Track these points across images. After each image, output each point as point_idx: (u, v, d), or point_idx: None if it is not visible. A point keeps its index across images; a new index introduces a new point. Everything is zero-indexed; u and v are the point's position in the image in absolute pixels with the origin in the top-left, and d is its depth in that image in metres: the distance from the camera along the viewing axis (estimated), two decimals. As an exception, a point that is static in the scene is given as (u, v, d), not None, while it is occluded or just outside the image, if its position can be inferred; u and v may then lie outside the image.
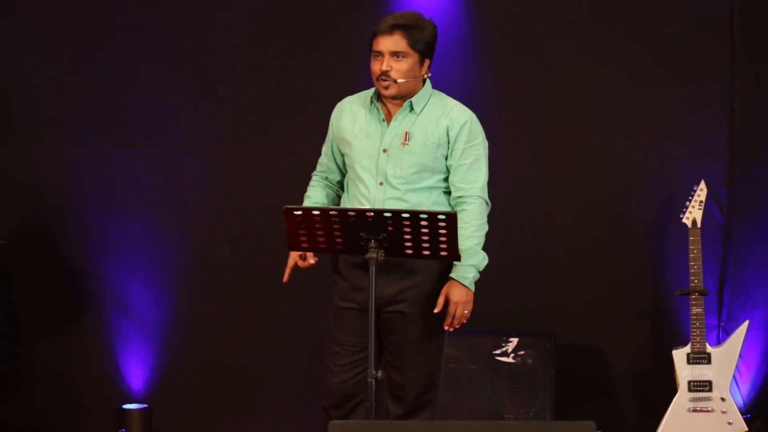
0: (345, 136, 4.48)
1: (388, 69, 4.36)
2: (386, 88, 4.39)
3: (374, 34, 4.38)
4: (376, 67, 4.39)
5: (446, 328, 4.34)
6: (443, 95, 4.52)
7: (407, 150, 4.39)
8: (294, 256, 4.48)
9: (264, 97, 6.07)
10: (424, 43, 4.39)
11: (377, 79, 4.39)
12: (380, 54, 4.38)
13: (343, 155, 4.54)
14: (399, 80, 4.38)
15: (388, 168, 4.39)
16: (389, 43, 4.36)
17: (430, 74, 4.46)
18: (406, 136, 4.41)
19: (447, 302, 4.31)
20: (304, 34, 6.05)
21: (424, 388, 4.44)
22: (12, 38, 6.04)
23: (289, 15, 6.06)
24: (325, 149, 4.62)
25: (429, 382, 4.44)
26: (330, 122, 4.58)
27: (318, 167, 4.65)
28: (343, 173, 4.58)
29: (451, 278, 4.33)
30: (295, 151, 4.86)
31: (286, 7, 6.06)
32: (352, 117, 4.50)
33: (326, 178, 4.63)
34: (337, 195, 4.62)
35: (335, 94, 4.65)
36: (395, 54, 4.37)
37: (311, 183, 4.65)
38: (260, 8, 6.06)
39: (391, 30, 4.37)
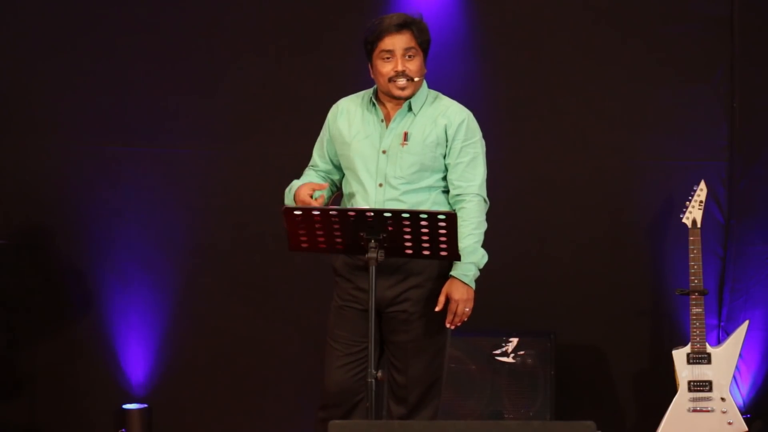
0: (343, 138, 4.47)
1: (405, 69, 4.35)
2: (403, 89, 4.36)
3: (380, 35, 4.33)
4: (388, 67, 4.34)
5: (448, 325, 4.34)
6: (439, 94, 4.50)
7: (406, 150, 4.38)
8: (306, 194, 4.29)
9: (264, 98, 6.07)
10: (426, 40, 4.39)
11: (390, 80, 4.35)
12: (391, 54, 4.34)
13: (339, 156, 4.52)
14: (415, 79, 4.37)
15: (387, 169, 4.39)
16: (401, 41, 4.33)
17: (425, 71, 4.45)
18: (405, 136, 4.40)
19: (448, 300, 4.31)
20: (304, 34, 6.06)
21: (427, 387, 4.43)
22: (12, 38, 6.04)
23: (288, 15, 6.06)
24: (318, 151, 4.58)
25: (431, 382, 4.44)
26: (326, 123, 4.56)
27: (306, 172, 4.59)
28: (338, 173, 4.57)
29: (452, 276, 4.33)
30: (295, 151, 4.85)
31: (286, 8, 6.07)
32: (349, 118, 4.48)
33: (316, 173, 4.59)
34: (331, 190, 4.60)
35: (335, 94, 4.65)
36: (407, 51, 4.35)
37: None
38: (260, 9, 6.06)
39: (399, 28, 4.33)
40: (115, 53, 6.04)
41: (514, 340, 5.72)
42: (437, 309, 4.32)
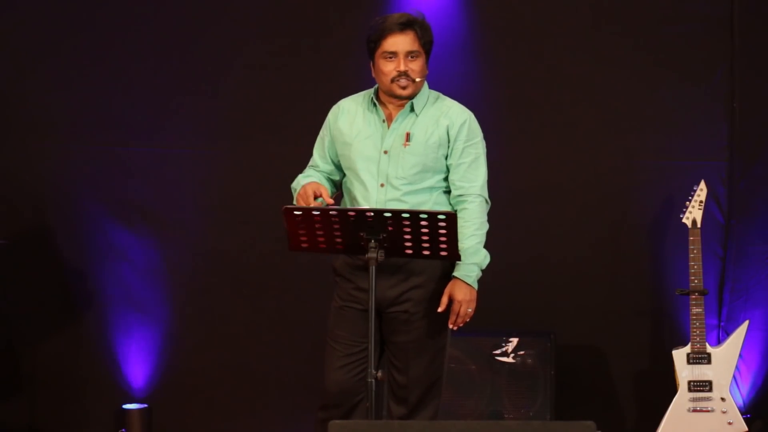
0: (344, 138, 4.47)
1: (407, 69, 4.34)
2: (404, 88, 4.36)
3: (382, 34, 4.33)
4: (390, 67, 4.34)
5: (451, 326, 4.35)
6: (440, 95, 4.51)
7: (408, 150, 4.39)
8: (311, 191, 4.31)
9: (263, 97, 6.07)
10: (428, 41, 4.39)
11: (392, 81, 4.35)
12: (394, 54, 4.34)
13: (339, 157, 4.51)
14: (417, 80, 4.36)
15: (389, 169, 4.39)
16: (404, 42, 4.33)
17: (426, 72, 4.45)
18: (407, 137, 4.40)
19: (451, 301, 4.32)
20: (304, 34, 6.05)
21: (427, 387, 4.44)
22: (12, 38, 6.04)
23: (288, 15, 6.06)
24: (319, 151, 4.57)
25: (432, 382, 4.44)
26: (326, 123, 4.56)
27: (307, 170, 4.58)
28: (338, 174, 4.57)
29: (455, 277, 4.33)
30: (295, 151, 4.85)
31: (286, 8, 6.07)
32: (350, 118, 4.48)
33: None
34: (331, 190, 4.58)
35: (335, 93, 4.65)
36: (410, 53, 4.35)
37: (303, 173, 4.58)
38: (259, 8, 6.06)
39: (403, 28, 4.33)
40: (115, 53, 6.04)
41: (514, 340, 5.72)
42: (440, 310, 4.32)
